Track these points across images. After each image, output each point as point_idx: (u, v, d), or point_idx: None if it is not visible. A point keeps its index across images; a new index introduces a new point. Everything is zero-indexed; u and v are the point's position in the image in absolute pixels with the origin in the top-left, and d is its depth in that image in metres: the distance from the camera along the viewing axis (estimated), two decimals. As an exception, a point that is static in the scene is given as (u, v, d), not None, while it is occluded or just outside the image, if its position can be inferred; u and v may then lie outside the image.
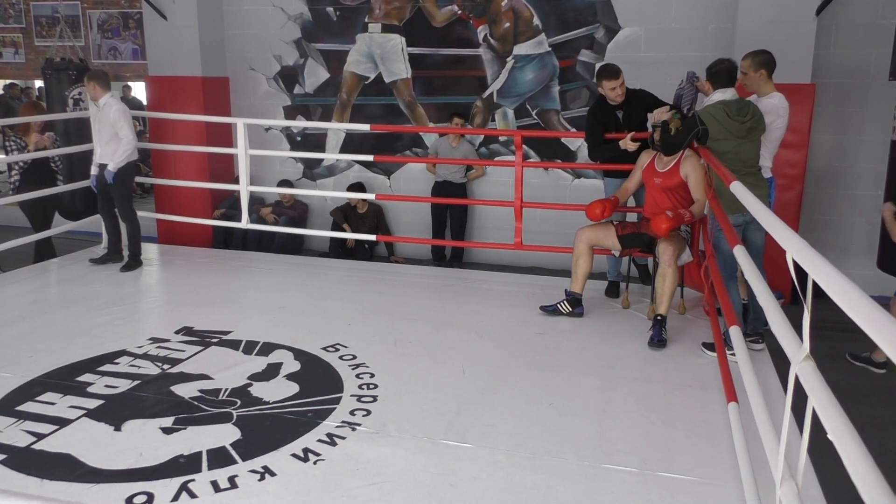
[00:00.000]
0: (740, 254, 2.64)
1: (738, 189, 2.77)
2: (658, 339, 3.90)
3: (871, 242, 5.76)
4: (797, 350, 1.59)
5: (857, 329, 1.22)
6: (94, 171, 5.43)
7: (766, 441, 1.97)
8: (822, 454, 1.72)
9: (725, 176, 3.11)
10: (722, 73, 3.97)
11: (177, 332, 4.08)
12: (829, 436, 1.26)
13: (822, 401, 1.36)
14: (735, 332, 2.75)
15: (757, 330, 3.87)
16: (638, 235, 4.26)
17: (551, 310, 4.40)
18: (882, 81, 5.78)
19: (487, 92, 6.81)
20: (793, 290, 5.47)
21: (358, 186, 6.98)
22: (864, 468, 1.11)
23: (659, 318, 3.96)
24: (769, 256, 3.82)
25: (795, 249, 1.67)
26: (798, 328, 1.76)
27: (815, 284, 1.53)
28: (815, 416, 1.49)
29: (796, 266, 1.69)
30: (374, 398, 3.25)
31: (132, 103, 8.63)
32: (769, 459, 1.92)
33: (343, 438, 2.87)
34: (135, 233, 5.47)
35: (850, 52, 5.87)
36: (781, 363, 3.47)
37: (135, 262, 5.48)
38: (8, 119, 6.56)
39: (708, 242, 4.01)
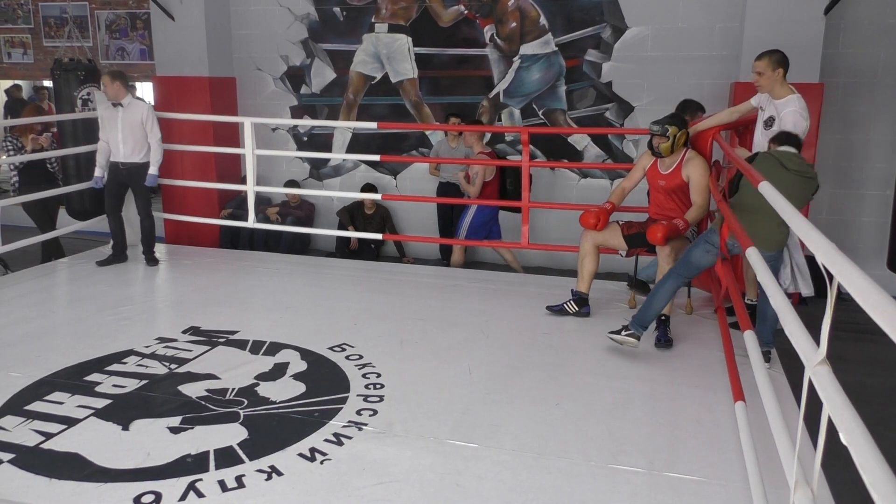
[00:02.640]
0: (753, 255, 2.59)
1: (766, 189, 2.55)
2: (665, 340, 3.89)
3: (880, 243, 5.74)
4: (812, 353, 1.58)
5: (867, 330, 1.21)
6: (98, 172, 5.48)
7: (779, 445, 1.96)
8: (832, 456, 1.71)
9: (753, 178, 2.86)
10: (793, 136, 3.61)
11: (184, 332, 4.09)
12: (843, 440, 1.25)
13: (836, 405, 1.35)
14: (749, 337, 2.72)
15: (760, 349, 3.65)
16: (644, 235, 4.24)
17: (558, 310, 4.39)
18: (890, 81, 5.75)
19: (494, 92, 6.81)
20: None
21: (369, 187, 6.96)
22: (878, 474, 1.10)
23: (663, 318, 3.94)
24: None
25: (822, 252, 1.65)
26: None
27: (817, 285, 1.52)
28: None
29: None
30: (381, 398, 3.25)
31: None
32: (784, 464, 1.90)
33: (349, 438, 2.88)
34: (153, 229, 5.63)
35: (859, 52, 5.84)
36: (786, 363, 3.47)
37: (154, 259, 5.62)
38: (15, 119, 6.59)
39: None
